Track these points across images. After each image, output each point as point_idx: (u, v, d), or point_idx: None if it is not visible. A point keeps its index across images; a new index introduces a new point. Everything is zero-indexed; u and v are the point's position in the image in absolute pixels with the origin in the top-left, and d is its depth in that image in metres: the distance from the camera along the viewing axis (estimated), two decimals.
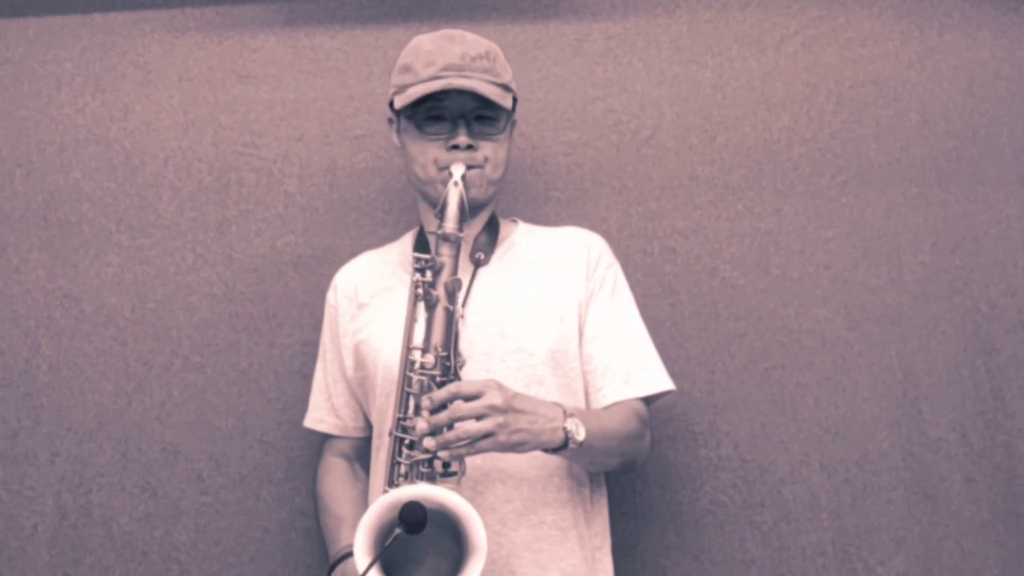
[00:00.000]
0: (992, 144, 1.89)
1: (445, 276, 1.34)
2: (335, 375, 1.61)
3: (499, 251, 1.57)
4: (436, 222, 1.38)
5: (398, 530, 1.16)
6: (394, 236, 1.82)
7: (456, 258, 1.36)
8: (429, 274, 1.34)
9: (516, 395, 1.30)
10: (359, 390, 1.59)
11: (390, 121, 1.60)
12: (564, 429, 1.31)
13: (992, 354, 1.82)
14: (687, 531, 1.76)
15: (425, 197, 1.54)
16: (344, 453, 1.63)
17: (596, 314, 1.52)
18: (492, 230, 1.58)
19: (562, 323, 1.49)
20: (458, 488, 1.28)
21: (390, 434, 1.35)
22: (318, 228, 1.88)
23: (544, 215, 1.87)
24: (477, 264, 1.53)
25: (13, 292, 1.86)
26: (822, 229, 1.87)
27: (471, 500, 1.37)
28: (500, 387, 1.28)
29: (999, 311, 1.83)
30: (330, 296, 1.64)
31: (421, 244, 1.56)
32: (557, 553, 1.42)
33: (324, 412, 1.63)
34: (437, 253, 1.35)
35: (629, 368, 1.50)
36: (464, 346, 1.45)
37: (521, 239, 1.60)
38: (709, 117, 1.91)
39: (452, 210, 1.37)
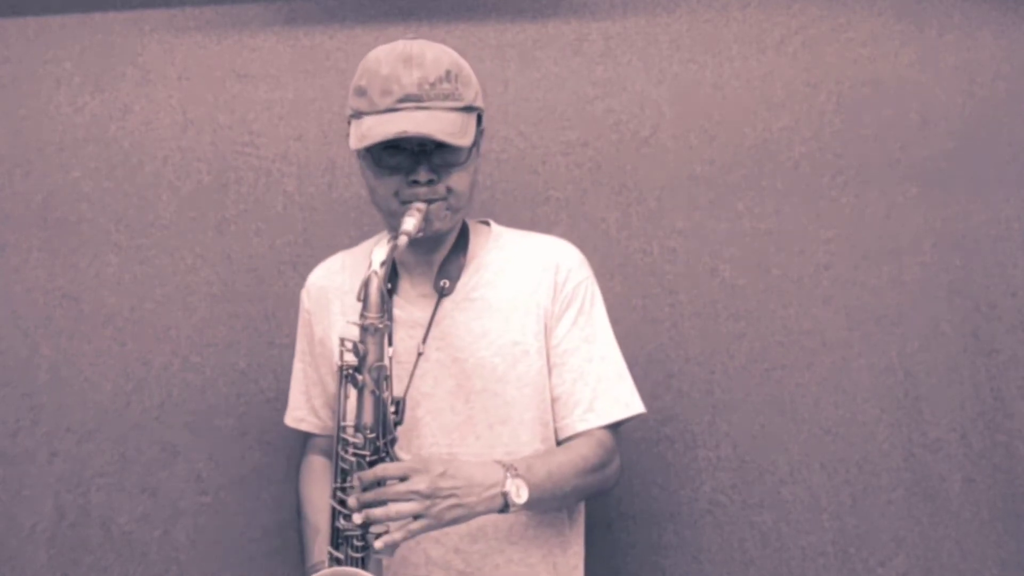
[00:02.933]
0: (992, 144, 1.89)
1: (370, 362, 1.32)
2: (312, 376, 1.60)
3: (465, 276, 1.49)
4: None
5: None
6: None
7: (380, 345, 1.33)
8: (355, 358, 1.33)
9: (444, 471, 1.27)
10: (335, 400, 1.57)
11: (348, 136, 1.45)
12: (503, 494, 1.30)
13: (992, 355, 1.81)
14: (686, 531, 1.76)
15: (388, 225, 1.48)
16: (325, 451, 1.60)
17: (560, 339, 1.47)
18: (462, 246, 1.51)
19: (528, 356, 1.45)
20: (390, 559, 1.32)
21: (331, 497, 1.34)
22: (317, 228, 1.88)
23: (544, 215, 1.87)
24: (441, 293, 1.47)
25: (12, 292, 1.86)
26: (822, 229, 1.87)
27: (435, 540, 1.40)
28: (427, 468, 1.27)
29: (999, 311, 1.83)
30: (304, 298, 1.61)
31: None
32: None
33: (304, 411, 1.61)
34: (361, 341, 1.32)
35: (594, 394, 1.45)
36: (429, 384, 1.44)
37: (489, 260, 1.52)
38: (709, 117, 1.91)
39: (373, 300, 1.32)
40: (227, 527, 1.78)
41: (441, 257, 1.50)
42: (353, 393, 1.33)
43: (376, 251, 1.34)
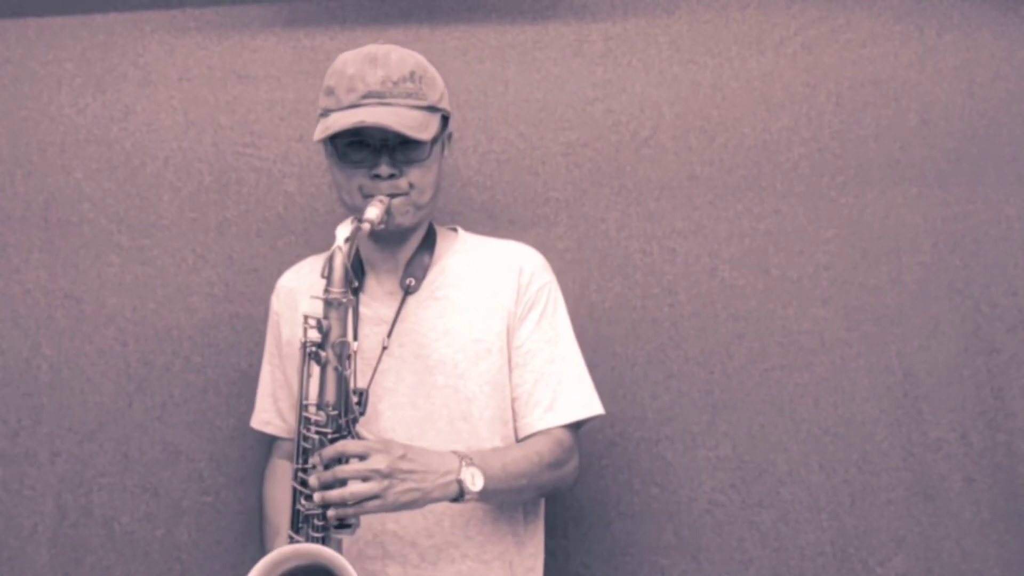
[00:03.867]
0: (992, 144, 1.89)
1: (333, 338, 1.33)
2: (280, 379, 1.61)
3: (431, 275, 1.53)
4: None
5: None
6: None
7: (344, 320, 1.35)
8: (318, 335, 1.34)
9: (404, 455, 1.30)
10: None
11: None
12: (458, 481, 1.32)
13: (992, 354, 1.81)
14: (685, 531, 1.76)
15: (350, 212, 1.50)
16: (290, 455, 1.62)
17: (523, 340, 1.50)
18: (428, 247, 1.55)
19: (490, 355, 1.48)
20: (351, 538, 1.32)
21: (291, 482, 1.35)
22: (318, 228, 1.88)
23: (544, 215, 1.87)
24: (407, 291, 1.50)
25: (14, 292, 1.87)
26: (822, 229, 1.87)
27: (393, 534, 1.41)
28: (387, 448, 1.29)
29: (999, 311, 1.83)
30: (273, 301, 1.63)
31: (355, 258, 1.53)
32: None
33: (271, 415, 1.63)
34: (325, 316, 1.34)
35: (554, 394, 1.49)
36: (392, 380, 1.46)
37: (454, 262, 1.55)
38: (708, 118, 1.91)
39: (337, 274, 1.34)
40: (229, 527, 1.78)
41: (407, 256, 1.53)
42: (316, 371, 1.35)
43: (340, 228, 1.38)
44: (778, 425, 1.80)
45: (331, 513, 1.27)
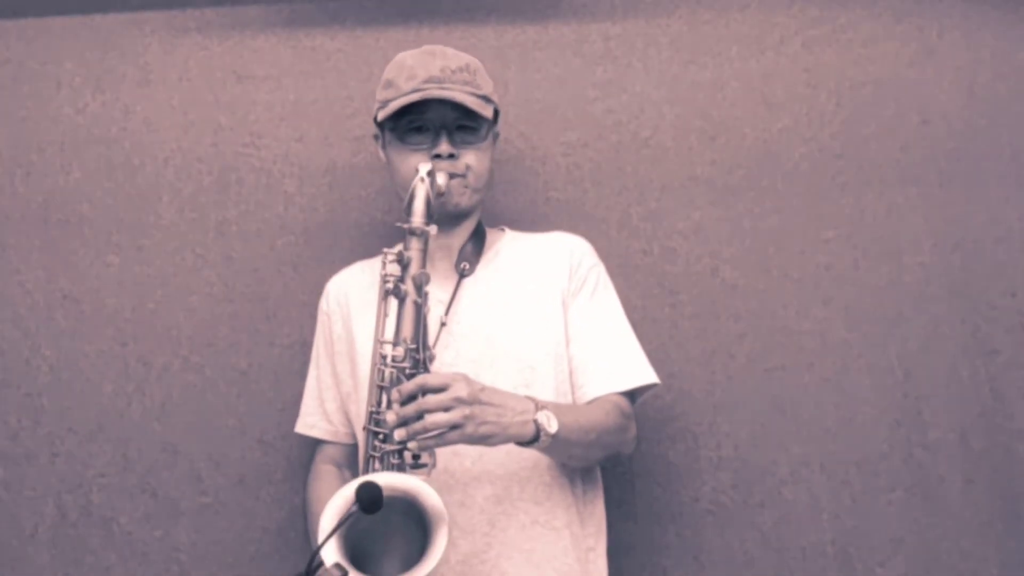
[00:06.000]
0: (992, 145, 1.89)
1: (413, 270, 1.37)
2: (327, 381, 1.62)
3: (484, 260, 1.58)
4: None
5: (354, 508, 1.19)
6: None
7: (424, 252, 1.39)
8: (398, 268, 1.37)
9: (484, 388, 1.30)
10: (349, 401, 1.59)
11: (375, 137, 1.63)
12: (535, 421, 1.32)
13: (992, 355, 1.81)
14: (687, 531, 1.76)
15: None
16: (334, 460, 1.63)
17: (578, 313, 1.53)
18: (478, 239, 1.59)
19: (548, 326, 1.51)
20: (428, 479, 1.29)
21: (364, 428, 1.36)
22: (318, 228, 1.88)
23: (544, 215, 1.87)
24: (462, 274, 1.54)
25: (13, 293, 1.86)
26: (822, 230, 1.87)
27: (459, 502, 1.39)
28: (467, 380, 1.29)
29: (999, 312, 1.83)
30: (323, 303, 1.65)
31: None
32: (550, 552, 1.42)
33: (316, 417, 1.63)
34: (405, 248, 1.39)
35: (611, 364, 1.51)
36: (451, 355, 1.46)
37: (506, 247, 1.61)
38: (709, 118, 1.91)
39: (418, 204, 1.40)
40: (228, 527, 1.78)
41: (459, 244, 1.57)
42: (393, 308, 1.37)
43: (420, 165, 1.44)
44: (779, 425, 1.79)
45: (412, 445, 1.26)
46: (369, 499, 1.19)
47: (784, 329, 1.83)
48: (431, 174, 1.42)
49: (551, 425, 1.33)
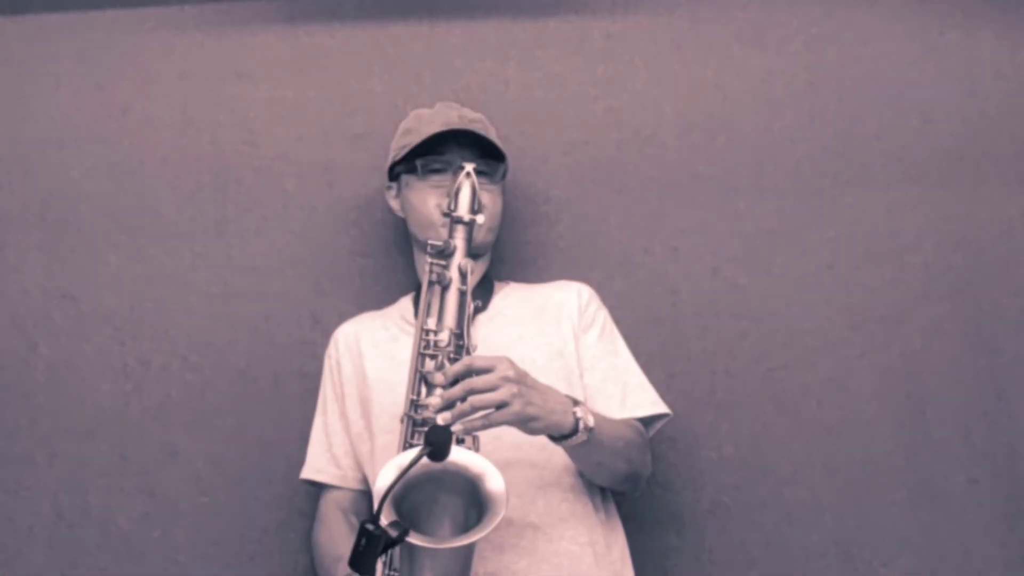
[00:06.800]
0: (994, 143, 1.89)
1: (458, 258, 1.39)
2: (335, 426, 1.61)
3: (495, 300, 1.63)
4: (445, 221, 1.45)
5: (424, 450, 1.17)
6: (393, 235, 1.82)
7: (469, 241, 1.41)
8: (443, 257, 1.40)
9: (527, 374, 1.32)
10: (361, 442, 1.58)
11: (387, 188, 1.70)
12: (574, 414, 1.33)
13: (995, 354, 1.81)
14: (688, 532, 1.75)
15: (425, 248, 1.49)
16: (342, 506, 1.59)
17: (588, 347, 1.57)
18: (486, 285, 1.64)
19: (562, 356, 1.54)
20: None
21: (402, 420, 1.36)
22: (317, 227, 1.88)
23: (544, 215, 1.87)
24: (476, 310, 1.51)
25: (11, 291, 1.85)
26: (824, 229, 1.86)
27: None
28: (512, 362, 1.30)
29: (1002, 311, 1.83)
30: (331, 350, 1.65)
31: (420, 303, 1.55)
32: (577, 569, 1.43)
33: (323, 462, 1.61)
34: (450, 236, 1.40)
35: (624, 393, 1.54)
36: None
37: (514, 291, 1.66)
38: (710, 116, 1.90)
39: (464, 196, 1.42)
40: (226, 527, 1.77)
41: (473, 283, 1.53)
42: (436, 296, 1.39)
43: (465, 163, 1.46)
44: (781, 425, 1.79)
45: (457, 428, 1.24)
46: (439, 443, 1.18)
47: (786, 329, 1.82)
48: (474, 171, 1.44)
49: (589, 419, 1.34)
